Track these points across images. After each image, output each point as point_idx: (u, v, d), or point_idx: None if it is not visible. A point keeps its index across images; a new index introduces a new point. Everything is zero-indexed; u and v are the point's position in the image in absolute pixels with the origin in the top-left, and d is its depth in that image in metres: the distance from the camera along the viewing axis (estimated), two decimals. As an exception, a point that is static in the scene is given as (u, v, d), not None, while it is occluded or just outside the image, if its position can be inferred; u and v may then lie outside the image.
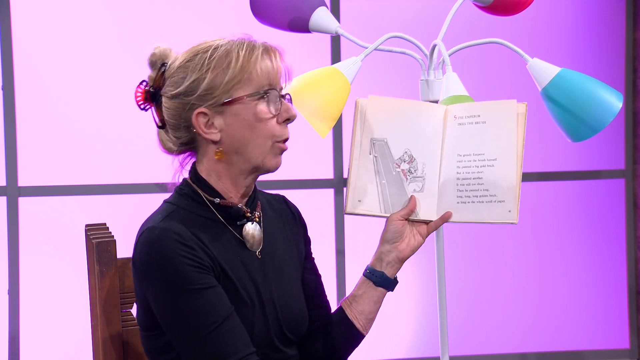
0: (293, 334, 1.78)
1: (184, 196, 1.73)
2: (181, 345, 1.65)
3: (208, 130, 1.69)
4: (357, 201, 1.87)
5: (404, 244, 1.82)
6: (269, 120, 1.70)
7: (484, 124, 1.82)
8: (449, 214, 1.83)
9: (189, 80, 1.67)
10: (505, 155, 1.80)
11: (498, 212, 1.80)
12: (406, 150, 1.87)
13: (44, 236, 3.73)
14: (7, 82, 3.68)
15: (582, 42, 4.04)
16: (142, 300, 1.70)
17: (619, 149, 4.08)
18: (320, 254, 3.90)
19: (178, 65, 1.69)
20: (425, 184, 1.85)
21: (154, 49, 1.72)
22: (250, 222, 1.75)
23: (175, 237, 1.63)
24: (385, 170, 1.87)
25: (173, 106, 1.69)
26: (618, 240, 4.13)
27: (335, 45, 3.84)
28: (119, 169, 3.74)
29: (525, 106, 1.82)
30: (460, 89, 2.14)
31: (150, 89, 1.72)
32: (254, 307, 1.71)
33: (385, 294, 1.84)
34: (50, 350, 3.75)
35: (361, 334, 1.85)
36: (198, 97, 1.67)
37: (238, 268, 1.71)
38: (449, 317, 3.60)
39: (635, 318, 4.14)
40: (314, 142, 3.79)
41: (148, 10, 3.76)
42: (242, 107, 1.68)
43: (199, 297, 1.62)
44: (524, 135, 1.81)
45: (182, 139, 1.71)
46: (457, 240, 3.97)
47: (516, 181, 1.80)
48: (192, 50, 1.70)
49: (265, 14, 2.37)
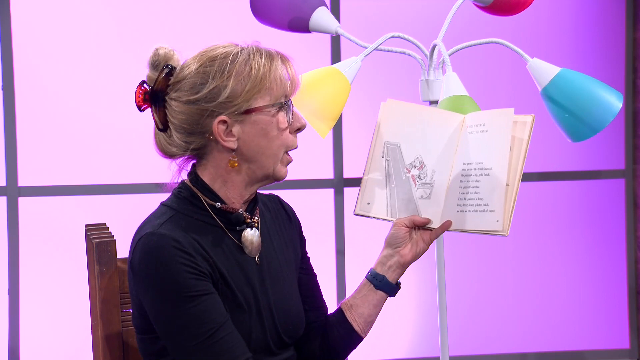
0: (290, 337, 1.78)
1: (183, 200, 1.72)
2: (177, 352, 1.65)
3: (227, 138, 1.68)
4: (366, 203, 1.87)
5: (407, 249, 1.82)
6: (284, 130, 1.70)
7: (486, 132, 1.81)
8: (448, 223, 1.82)
9: (210, 86, 1.66)
10: (498, 164, 1.78)
11: (487, 221, 1.78)
12: (417, 156, 1.87)
13: (44, 236, 3.73)
14: (7, 82, 3.68)
15: (582, 42, 4.04)
16: (138, 303, 1.70)
17: (619, 149, 4.08)
18: (320, 254, 3.93)
19: (195, 71, 1.67)
20: (433, 191, 1.85)
21: (157, 50, 1.70)
22: (249, 228, 1.74)
23: (174, 243, 1.63)
24: (395, 175, 1.87)
25: (189, 111, 1.67)
26: (618, 240, 4.13)
27: (335, 45, 3.84)
28: (119, 169, 3.74)
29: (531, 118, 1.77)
30: (460, 89, 2.14)
31: (151, 90, 1.70)
32: (251, 312, 1.71)
33: (386, 299, 1.84)
34: (50, 350, 3.75)
35: (359, 337, 1.85)
36: (218, 105, 1.66)
37: (236, 274, 1.71)
38: (449, 317, 3.60)
39: (635, 318, 4.14)
40: (314, 142, 3.79)
41: (148, 11, 3.76)
42: (262, 117, 1.68)
43: (195, 304, 1.62)
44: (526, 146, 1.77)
45: (194, 145, 1.69)
46: (457, 241, 3.97)
47: (506, 191, 1.76)
48: (207, 55, 1.69)
49: (265, 14, 2.37)
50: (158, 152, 1.74)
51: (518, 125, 1.79)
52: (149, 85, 1.70)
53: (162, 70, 1.68)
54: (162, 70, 1.68)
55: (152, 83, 1.70)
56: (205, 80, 1.66)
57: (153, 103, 1.70)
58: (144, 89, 1.70)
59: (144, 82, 1.71)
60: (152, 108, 1.71)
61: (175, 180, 1.76)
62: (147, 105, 1.71)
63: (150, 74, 1.71)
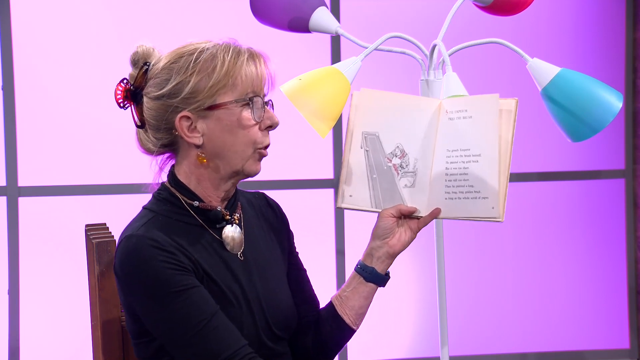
0: (282, 330, 1.78)
1: (162, 201, 1.73)
2: (173, 348, 1.66)
3: (191, 134, 1.69)
4: (348, 196, 1.86)
5: (395, 239, 1.82)
6: (251, 127, 1.70)
7: (470, 118, 1.81)
8: (437, 211, 1.82)
9: (173, 82, 1.67)
10: (488, 150, 1.78)
11: (482, 208, 1.79)
12: (398, 144, 1.86)
13: (44, 236, 3.73)
14: (7, 82, 3.68)
15: (582, 42, 4.04)
16: (128, 308, 1.70)
17: (619, 149, 4.08)
18: (320, 254, 3.93)
19: (162, 67, 1.69)
20: (417, 179, 1.85)
21: (137, 48, 1.72)
22: (229, 225, 1.75)
23: (152, 243, 1.63)
24: (376, 165, 1.86)
25: (155, 107, 1.69)
26: (618, 240, 4.13)
27: (335, 45, 3.84)
28: (119, 169, 3.74)
29: (514, 102, 1.80)
30: (460, 89, 2.14)
31: (131, 88, 1.72)
32: (241, 307, 1.71)
33: (376, 290, 1.84)
34: (50, 350, 3.75)
35: (351, 329, 1.85)
36: (181, 100, 1.67)
37: (221, 270, 1.71)
38: (449, 317, 3.60)
39: (635, 318, 4.14)
40: (314, 142, 3.79)
41: (148, 11, 3.76)
42: (226, 113, 1.68)
43: (183, 298, 1.63)
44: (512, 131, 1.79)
45: (163, 141, 1.71)
46: (457, 240, 3.97)
47: (499, 177, 1.78)
48: (177, 52, 1.70)
49: (265, 14, 2.37)
50: (139, 147, 1.76)
51: (503, 111, 1.79)
52: (130, 82, 1.73)
53: (141, 67, 1.71)
54: (141, 68, 1.71)
55: (132, 80, 1.72)
56: (170, 76, 1.68)
57: (133, 100, 1.73)
58: (123, 87, 1.72)
59: (125, 80, 1.73)
60: (132, 105, 1.73)
61: (157, 181, 1.77)
62: (129, 103, 1.73)
63: (132, 71, 1.74)
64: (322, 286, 1.93)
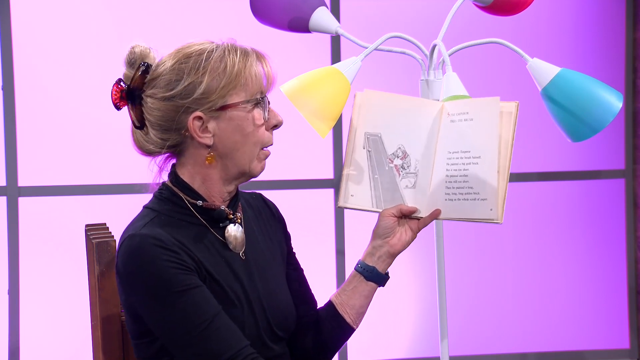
0: (282, 330, 1.79)
1: (164, 200, 1.73)
2: (175, 348, 1.66)
3: (202, 135, 1.69)
4: (349, 195, 1.88)
5: (396, 238, 1.83)
6: (260, 127, 1.71)
7: (471, 121, 1.82)
8: (437, 212, 1.84)
9: (185, 83, 1.67)
10: (488, 152, 1.79)
11: (481, 209, 1.80)
12: (400, 146, 1.87)
13: (44, 236, 3.73)
14: (7, 82, 3.68)
15: (582, 42, 4.04)
16: (129, 308, 1.70)
17: (619, 149, 4.08)
18: (320, 254, 3.93)
19: (171, 67, 1.69)
20: (418, 180, 1.86)
21: (134, 48, 1.71)
22: (232, 224, 1.75)
23: (156, 242, 1.63)
24: (378, 165, 1.87)
25: (164, 108, 1.69)
26: (618, 240, 4.13)
27: (335, 45, 3.84)
28: (119, 169, 3.74)
29: (515, 105, 1.81)
30: (460, 89, 2.14)
31: (126, 88, 1.72)
32: (243, 307, 1.71)
33: (376, 289, 1.85)
34: (50, 350, 3.75)
35: (351, 328, 1.85)
36: (193, 101, 1.67)
37: (223, 270, 1.71)
38: (449, 317, 3.60)
39: (635, 318, 4.14)
40: (314, 142, 3.79)
41: (148, 11, 3.76)
42: (237, 113, 1.69)
43: (185, 298, 1.63)
44: (512, 134, 1.80)
45: (170, 142, 1.71)
46: (457, 240, 3.97)
47: (498, 179, 1.79)
48: (182, 52, 1.70)
49: (265, 14, 2.37)
50: (136, 149, 1.76)
51: (504, 114, 1.80)
52: (126, 83, 1.72)
53: (138, 67, 1.70)
54: (139, 68, 1.70)
55: (128, 81, 1.72)
56: (181, 77, 1.68)
57: (129, 101, 1.72)
58: (119, 87, 1.72)
59: (120, 80, 1.72)
60: (128, 106, 1.73)
61: (156, 182, 1.77)
62: (124, 103, 1.73)
63: (126, 71, 1.73)
64: (322, 286, 1.93)
